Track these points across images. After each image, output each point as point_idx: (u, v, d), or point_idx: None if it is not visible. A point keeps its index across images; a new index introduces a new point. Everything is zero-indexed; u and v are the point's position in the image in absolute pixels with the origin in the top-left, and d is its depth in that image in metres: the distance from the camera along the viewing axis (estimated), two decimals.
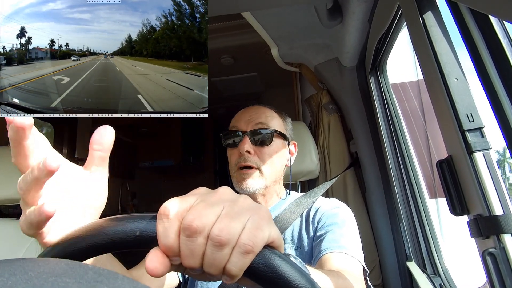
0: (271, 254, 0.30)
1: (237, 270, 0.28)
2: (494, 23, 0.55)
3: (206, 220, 0.28)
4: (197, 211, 0.29)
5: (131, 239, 0.31)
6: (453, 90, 0.59)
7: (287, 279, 0.29)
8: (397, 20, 0.93)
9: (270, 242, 0.30)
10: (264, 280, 0.29)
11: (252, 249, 0.28)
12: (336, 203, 0.88)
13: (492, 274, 0.52)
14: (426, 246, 1.05)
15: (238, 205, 0.30)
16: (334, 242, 0.73)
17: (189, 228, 0.28)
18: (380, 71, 1.23)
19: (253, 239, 0.28)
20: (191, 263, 0.29)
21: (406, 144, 1.16)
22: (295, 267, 0.30)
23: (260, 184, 0.84)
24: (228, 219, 0.29)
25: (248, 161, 0.84)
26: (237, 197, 0.32)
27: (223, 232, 0.28)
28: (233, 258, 0.28)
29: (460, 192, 0.61)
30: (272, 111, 0.92)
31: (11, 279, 0.19)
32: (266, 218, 0.31)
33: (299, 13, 1.24)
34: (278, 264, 0.29)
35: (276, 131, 0.88)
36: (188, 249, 0.28)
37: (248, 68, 2.26)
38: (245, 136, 0.85)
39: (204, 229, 0.28)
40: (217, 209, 0.29)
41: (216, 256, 0.28)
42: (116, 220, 0.32)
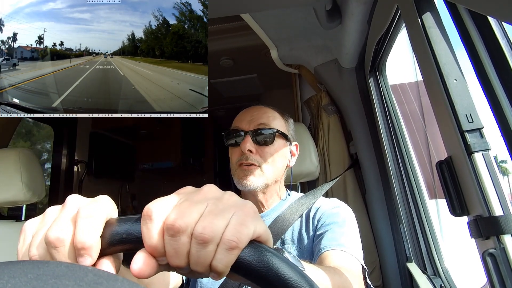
0: (257, 247, 0.30)
1: (223, 267, 0.28)
2: (492, 24, 0.55)
3: (189, 219, 0.28)
4: (180, 210, 0.29)
5: (118, 242, 0.31)
6: (452, 91, 0.59)
7: (275, 272, 0.29)
8: (396, 21, 0.93)
9: (256, 237, 0.30)
10: (252, 274, 0.29)
11: (236, 245, 0.28)
12: (336, 202, 0.88)
13: (493, 275, 0.52)
14: (426, 247, 1.05)
15: (223, 202, 0.31)
16: (333, 240, 0.73)
17: (172, 227, 0.28)
18: (379, 72, 1.23)
19: (237, 235, 0.28)
20: (177, 262, 0.29)
21: (405, 145, 1.16)
22: (282, 259, 0.30)
23: (261, 182, 0.84)
24: (212, 216, 0.29)
25: (249, 159, 0.84)
26: (222, 194, 0.32)
27: (206, 230, 0.28)
28: (218, 255, 0.28)
29: (460, 192, 0.61)
30: (274, 112, 0.93)
31: (10, 281, 0.19)
32: (251, 213, 0.31)
33: (298, 15, 1.24)
34: (265, 258, 0.29)
35: (278, 131, 0.88)
36: (172, 249, 0.28)
37: (247, 70, 2.26)
38: (247, 135, 0.86)
39: (187, 228, 0.28)
40: (200, 207, 0.30)
41: (200, 254, 0.28)
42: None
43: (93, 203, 0.32)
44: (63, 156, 2.25)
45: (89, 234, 0.30)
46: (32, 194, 1.17)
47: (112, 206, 0.34)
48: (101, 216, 0.31)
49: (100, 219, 0.31)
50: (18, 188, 1.14)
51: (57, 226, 0.30)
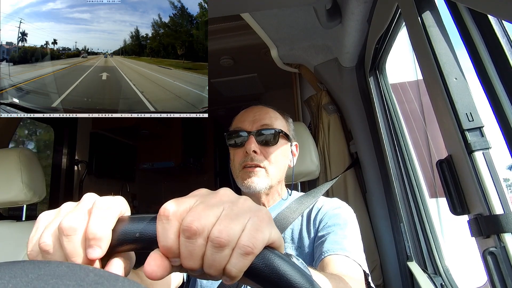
0: (271, 254, 0.30)
1: (237, 271, 0.28)
2: (493, 23, 0.55)
3: (205, 222, 0.28)
4: (197, 212, 0.29)
5: (131, 240, 0.31)
6: (452, 90, 0.59)
7: (287, 279, 0.29)
8: (396, 20, 0.93)
9: (270, 243, 0.30)
10: (264, 281, 0.29)
11: (252, 250, 0.28)
12: (338, 203, 0.88)
13: (493, 273, 0.52)
14: (426, 245, 1.05)
15: (238, 206, 0.31)
16: (336, 244, 0.73)
17: (189, 229, 0.28)
18: (380, 71, 1.23)
19: (253, 241, 0.28)
20: (190, 264, 0.29)
21: (406, 144, 1.16)
22: (295, 267, 0.30)
23: (265, 183, 0.84)
24: (228, 220, 0.29)
25: (254, 160, 0.84)
26: (237, 199, 0.32)
27: (222, 234, 0.28)
28: (233, 260, 0.28)
29: (460, 191, 0.61)
30: (275, 112, 0.93)
31: (11, 281, 0.19)
32: (266, 219, 0.31)
33: (298, 14, 1.24)
34: (278, 264, 0.29)
35: (281, 131, 0.88)
36: (187, 251, 0.28)
37: (247, 69, 2.26)
38: (251, 136, 0.85)
39: (203, 231, 0.28)
40: (217, 210, 0.29)
41: (215, 258, 0.28)
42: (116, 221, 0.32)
43: (109, 198, 0.33)
44: (64, 156, 2.26)
45: (102, 225, 0.30)
46: (33, 194, 1.17)
47: (127, 206, 0.34)
48: (115, 210, 0.32)
49: (114, 213, 0.32)
50: (19, 188, 1.14)
51: (72, 215, 0.31)
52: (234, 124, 0.92)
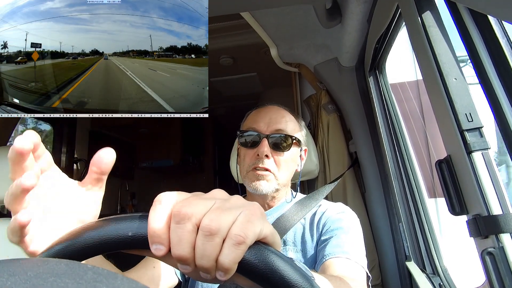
0: (264, 249, 0.30)
1: (230, 263, 0.28)
2: (492, 23, 0.55)
3: (196, 209, 0.29)
4: (189, 201, 0.30)
5: (123, 240, 0.31)
6: (452, 90, 0.59)
7: (281, 275, 0.29)
8: (396, 20, 0.93)
9: (262, 238, 0.31)
10: (258, 277, 0.29)
11: (243, 240, 0.28)
12: (342, 207, 0.88)
13: (491, 274, 0.52)
14: (425, 245, 1.05)
15: (231, 202, 0.31)
16: (338, 247, 0.73)
17: (178, 214, 0.29)
18: (379, 71, 1.23)
19: (245, 231, 0.28)
20: (180, 251, 0.29)
21: (405, 143, 1.16)
22: (288, 262, 0.30)
23: (273, 187, 0.84)
24: (219, 211, 0.29)
25: (265, 164, 0.83)
26: (229, 197, 0.33)
27: (213, 222, 0.28)
28: (225, 250, 0.28)
29: (459, 191, 0.61)
30: (289, 115, 0.92)
31: (10, 279, 0.19)
32: (258, 213, 0.31)
33: (298, 13, 1.24)
34: (271, 260, 0.29)
35: (295, 138, 0.88)
36: (176, 236, 0.29)
37: (247, 68, 2.26)
38: (264, 139, 0.85)
39: (192, 215, 0.29)
40: (208, 202, 0.30)
41: (206, 247, 0.28)
42: (108, 221, 0.32)
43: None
44: (63, 154, 2.25)
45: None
46: None
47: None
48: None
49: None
50: None
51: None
52: (248, 122, 0.91)
